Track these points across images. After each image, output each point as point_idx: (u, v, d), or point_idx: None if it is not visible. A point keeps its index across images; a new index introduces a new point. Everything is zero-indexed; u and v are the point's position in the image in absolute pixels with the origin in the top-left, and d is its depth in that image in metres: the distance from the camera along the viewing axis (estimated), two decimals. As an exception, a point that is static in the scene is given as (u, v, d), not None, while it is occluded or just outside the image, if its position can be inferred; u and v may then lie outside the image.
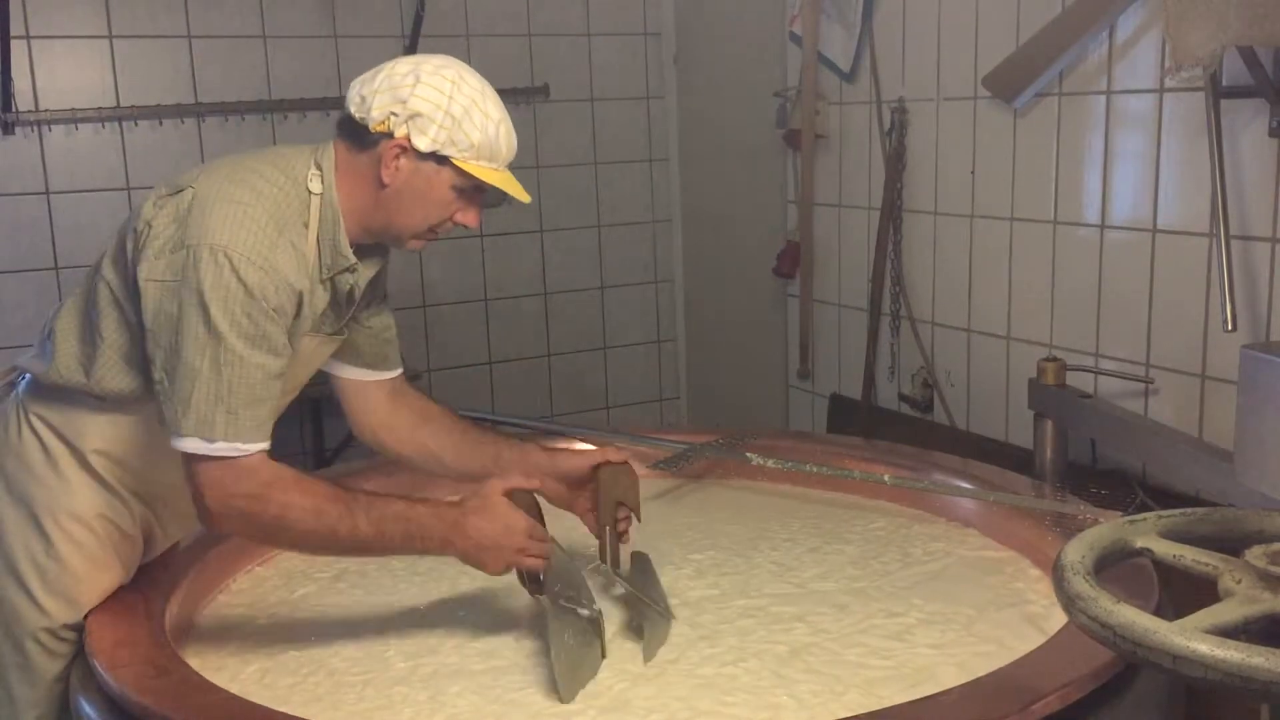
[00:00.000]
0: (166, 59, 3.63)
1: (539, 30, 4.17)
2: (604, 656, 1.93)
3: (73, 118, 3.51)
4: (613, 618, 2.06)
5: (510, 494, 1.95)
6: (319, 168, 1.91)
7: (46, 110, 3.48)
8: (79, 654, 1.98)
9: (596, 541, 2.16)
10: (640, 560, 2.21)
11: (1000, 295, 3.04)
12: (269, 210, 1.84)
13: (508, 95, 3.99)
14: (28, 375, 2.03)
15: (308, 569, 2.37)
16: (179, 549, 2.22)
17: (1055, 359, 2.66)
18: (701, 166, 4.32)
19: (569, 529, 2.21)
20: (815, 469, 2.62)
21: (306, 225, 1.89)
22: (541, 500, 2.07)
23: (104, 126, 3.56)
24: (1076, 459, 2.76)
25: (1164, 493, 2.59)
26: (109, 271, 1.91)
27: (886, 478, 2.55)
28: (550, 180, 4.25)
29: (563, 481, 2.19)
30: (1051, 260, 2.89)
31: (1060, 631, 1.84)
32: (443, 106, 1.84)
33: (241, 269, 1.77)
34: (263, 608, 2.22)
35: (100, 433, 1.96)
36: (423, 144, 1.85)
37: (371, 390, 2.19)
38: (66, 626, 1.99)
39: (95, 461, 1.97)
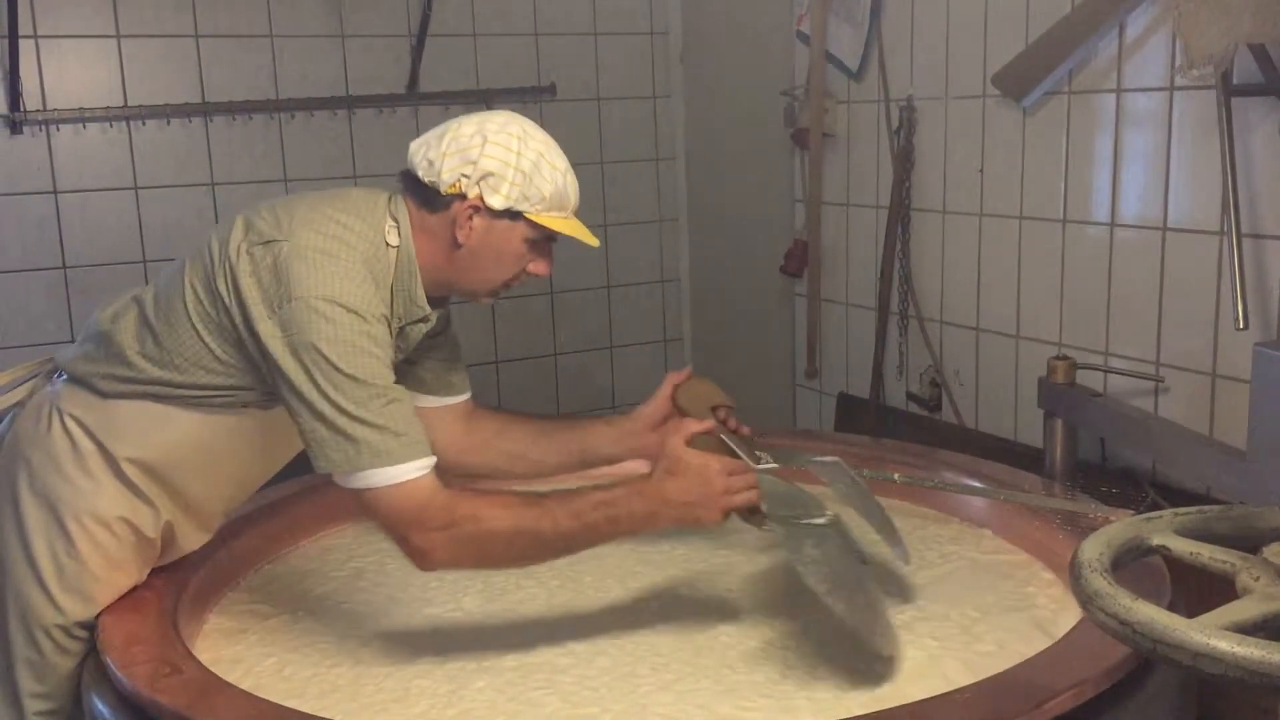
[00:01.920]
0: (174, 58, 3.62)
1: (545, 29, 4.16)
2: (865, 563, 1.92)
3: (80, 117, 3.50)
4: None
5: (690, 441, 1.90)
6: (395, 220, 1.93)
7: (54, 110, 3.47)
8: (91, 651, 1.98)
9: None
10: (830, 466, 2.15)
11: (1009, 294, 3.04)
12: (361, 261, 1.87)
13: (514, 95, 4.08)
14: (64, 374, 2.03)
15: (321, 567, 2.37)
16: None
17: (1065, 358, 2.66)
18: (708, 166, 4.31)
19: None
20: (823, 468, 2.61)
21: (386, 277, 1.92)
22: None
23: (111, 126, 3.56)
24: (1085, 458, 2.76)
25: (1174, 491, 2.59)
26: (196, 289, 1.91)
27: (896, 476, 2.54)
28: (557, 179, 4.24)
29: (654, 429, 2.16)
30: (1061, 259, 2.88)
31: (1071, 631, 1.84)
32: (512, 164, 1.87)
33: (348, 313, 1.81)
34: (281, 603, 2.22)
35: (136, 439, 1.96)
36: (496, 202, 1.88)
37: (445, 417, 2.18)
38: (79, 624, 1.99)
39: (126, 467, 1.97)
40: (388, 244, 1.91)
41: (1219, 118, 2.32)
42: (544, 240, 1.95)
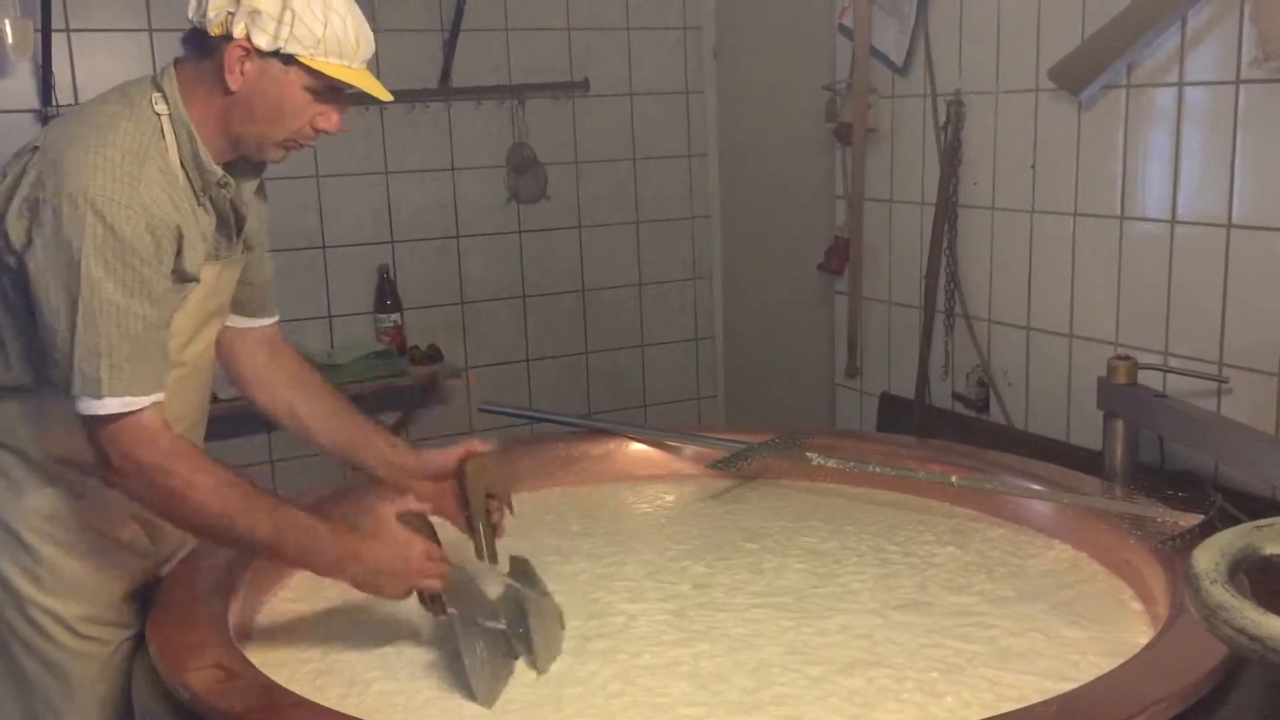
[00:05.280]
0: (206, 52, 3.58)
1: (578, 24, 4.12)
2: (517, 658, 1.88)
3: (112, 112, 3.45)
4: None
5: (402, 517, 1.87)
6: (159, 90, 1.81)
7: (86, 104, 3.43)
8: (136, 655, 1.93)
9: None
10: (520, 565, 2.09)
11: (1062, 292, 2.98)
12: (123, 145, 1.74)
13: (547, 90, 4.04)
14: None
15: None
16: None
17: (1127, 357, 2.60)
18: (742, 162, 4.27)
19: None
20: (879, 469, 2.56)
21: (165, 149, 1.80)
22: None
23: (144, 121, 3.51)
24: (1142, 460, 2.70)
25: (1238, 494, 2.52)
26: None
27: (954, 479, 2.49)
28: (589, 175, 4.21)
29: (432, 479, 2.11)
30: (1118, 256, 2.83)
31: (1147, 646, 1.79)
32: (280, 1, 1.73)
33: (107, 212, 1.69)
34: (328, 605, 2.15)
35: (31, 426, 1.87)
36: (263, 42, 1.73)
37: (246, 339, 2.11)
38: (85, 620, 1.92)
39: (38, 456, 1.88)
40: (156, 114, 1.79)
41: (1292, 111, 2.26)
42: (329, 91, 1.80)
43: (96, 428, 1.74)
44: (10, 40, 3.18)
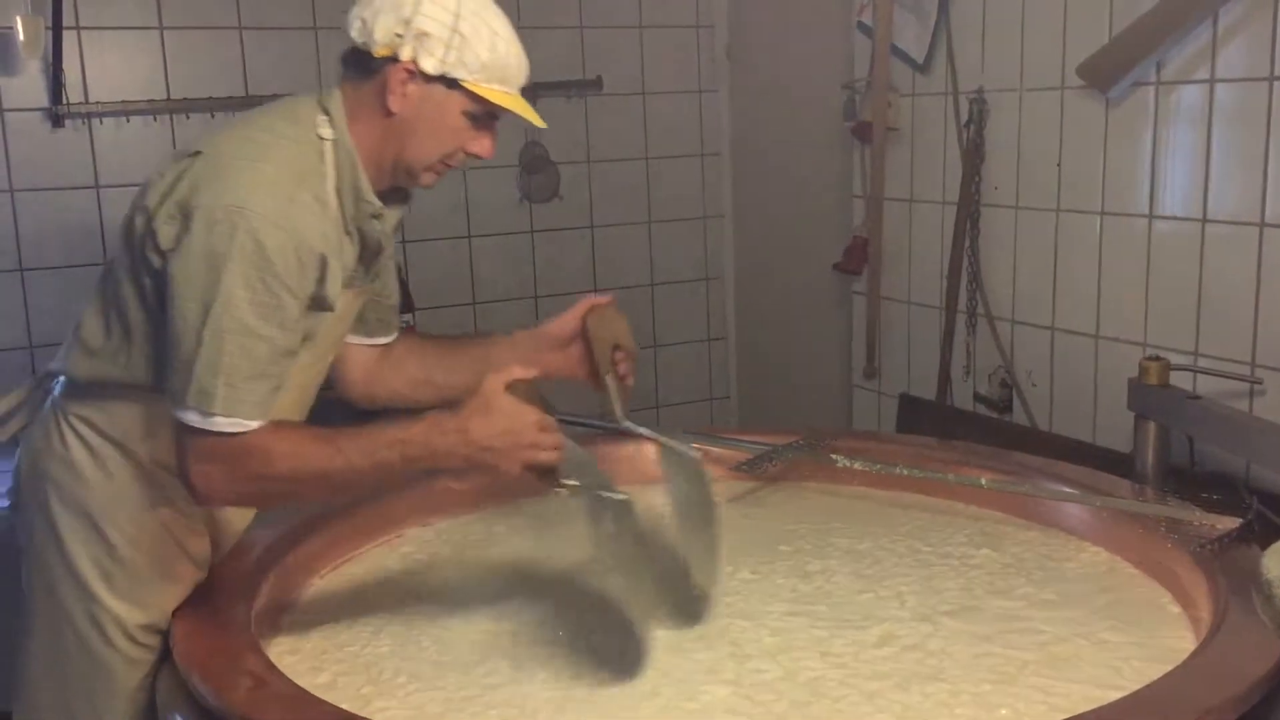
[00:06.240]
0: (217, 51, 3.55)
1: (591, 23, 4.08)
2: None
3: (123, 110, 3.42)
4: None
5: (510, 387, 1.78)
6: (326, 112, 1.80)
7: (96, 102, 3.39)
8: (164, 663, 1.89)
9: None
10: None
11: (1089, 292, 2.94)
12: (283, 164, 1.74)
13: (559, 88, 4.00)
14: (61, 378, 1.93)
15: (389, 573, 2.28)
16: (254, 552, 2.13)
17: (1158, 358, 2.56)
18: (755, 161, 4.23)
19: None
20: (907, 471, 2.53)
21: (324, 176, 1.79)
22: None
23: (155, 119, 3.48)
24: (1173, 462, 2.66)
25: (1271, 496, 2.49)
26: (123, 254, 1.81)
27: (984, 481, 2.46)
28: (601, 175, 4.18)
29: (558, 347, 2.08)
30: (1146, 255, 2.79)
31: (1195, 654, 1.75)
32: (449, 24, 1.74)
33: (259, 230, 1.67)
34: (353, 609, 2.13)
35: (144, 425, 1.86)
36: (430, 65, 1.75)
37: (366, 354, 2.11)
38: (144, 629, 1.91)
39: (144, 457, 1.87)
40: (320, 137, 1.78)
41: (1330, 108, 2.23)
42: (485, 116, 1.82)
43: (195, 439, 1.71)
44: (21, 38, 3.15)
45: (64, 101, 3.33)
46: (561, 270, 4.18)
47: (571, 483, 1.81)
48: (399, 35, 1.74)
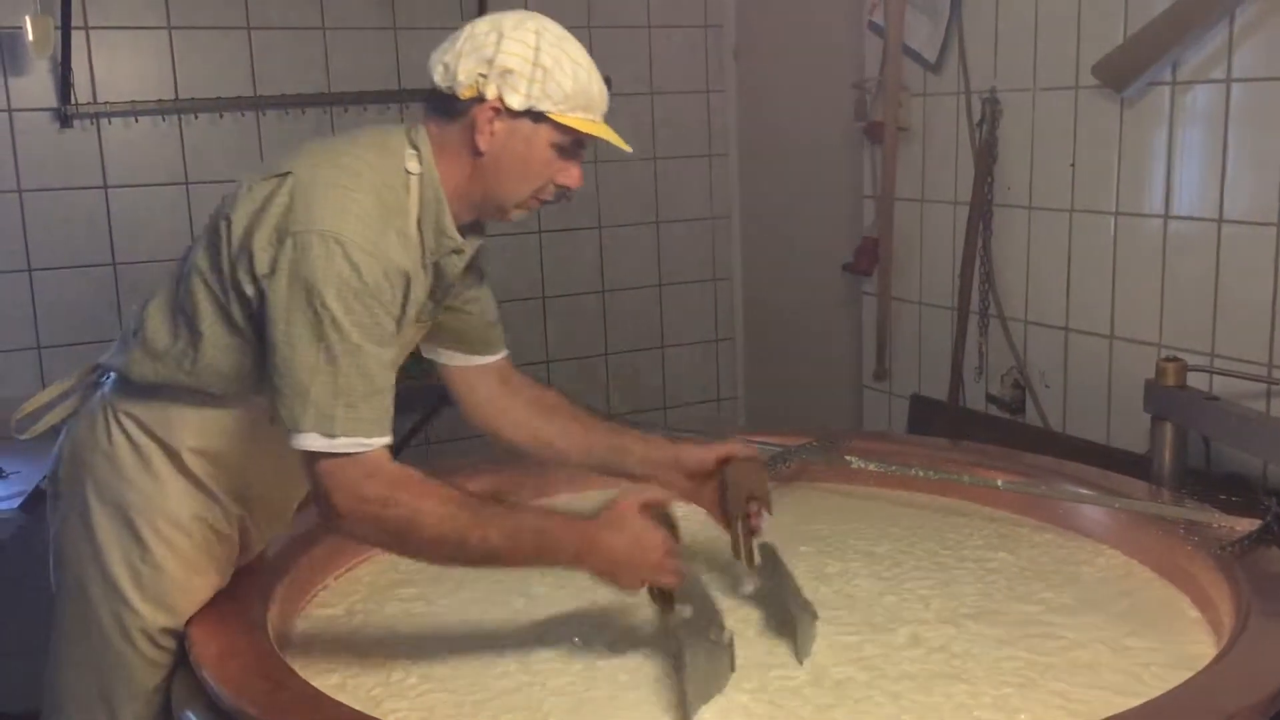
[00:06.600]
0: (225, 51, 3.53)
1: (598, 22, 4.07)
2: (733, 670, 1.82)
3: (131, 110, 3.41)
4: (750, 619, 2.00)
5: (645, 509, 1.86)
6: (415, 148, 1.81)
7: (105, 102, 3.38)
8: (180, 664, 1.89)
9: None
10: (768, 552, 2.11)
11: (1103, 293, 2.93)
12: (373, 194, 1.75)
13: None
14: (113, 374, 1.93)
15: (410, 574, 2.27)
16: (269, 555, 2.13)
17: (1176, 359, 2.55)
18: (763, 161, 4.22)
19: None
20: (923, 473, 2.51)
21: (408, 211, 1.80)
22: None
23: (163, 119, 3.46)
24: (1189, 463, 2.65)
25: (1288, 498, 2.48)
26: (203, 262, 1.81)
27: (999, 483, 2.44)
28: (608, 175, 4.16)
29: (687, 475, 2.12)
30: (1161, 256, 2.78)
31: (1217, 659, 1.74)
32: (530, 59, 1.74)
33: (353, 255, 1.68)
34: (367, 610, 2.13)
35: (196, 430, 1.86)
36: (516, 101, 1.74)
37: (480, 376, 2.13)
38: (165, 632, 1.90)
39: (190, 460, 1.87)
40: (408, 171, 1.80)
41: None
42: (572, 145, 1.82)
43: (323, 467, 1.71)
44: (30, 38, 3.13)
45: (72, 101, 3.32)
46: (569, 271, 4.17)
47: (685, 613, 1.88)
48: (483, 75, 1.75)
